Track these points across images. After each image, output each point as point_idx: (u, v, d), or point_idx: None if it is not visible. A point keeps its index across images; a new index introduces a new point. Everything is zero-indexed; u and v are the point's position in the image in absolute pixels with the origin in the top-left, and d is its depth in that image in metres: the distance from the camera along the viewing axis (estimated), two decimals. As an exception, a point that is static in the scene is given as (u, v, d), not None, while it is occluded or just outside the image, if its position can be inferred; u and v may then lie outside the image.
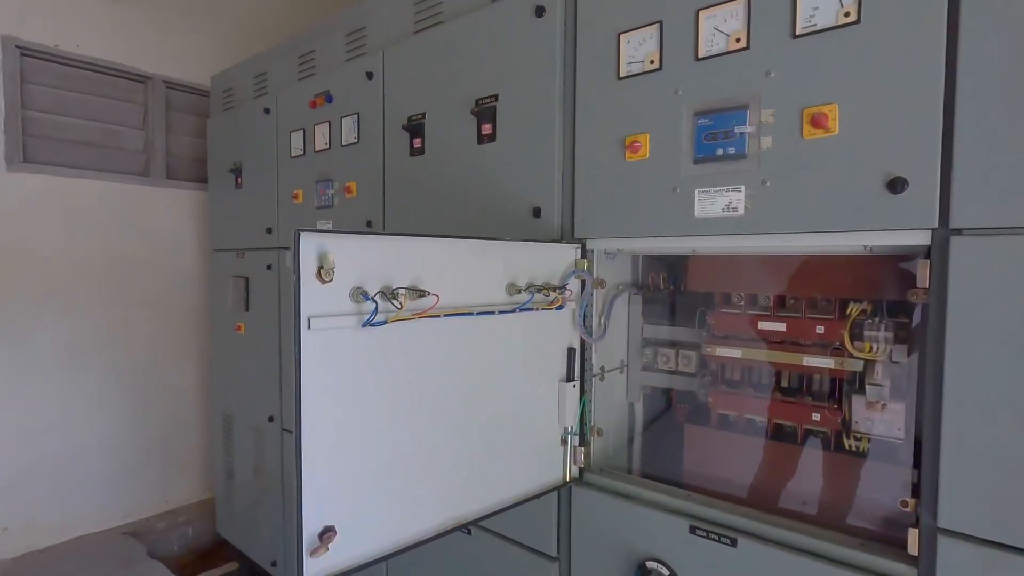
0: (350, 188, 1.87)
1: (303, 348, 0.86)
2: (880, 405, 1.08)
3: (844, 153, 0.97)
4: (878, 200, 0.94)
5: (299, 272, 0.85)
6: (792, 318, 1.20)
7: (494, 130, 1.47)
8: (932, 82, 0.89)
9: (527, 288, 1.19)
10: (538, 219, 1.39)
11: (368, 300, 0.92)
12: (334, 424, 0.92)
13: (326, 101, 1.95)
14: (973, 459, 0.87)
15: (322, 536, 0.90)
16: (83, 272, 2.74)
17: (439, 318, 1.05)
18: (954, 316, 0.88)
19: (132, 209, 2.89)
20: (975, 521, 0.88)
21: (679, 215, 1.16)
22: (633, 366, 1.50)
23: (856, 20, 0.95)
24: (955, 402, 0.89)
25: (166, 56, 2.98)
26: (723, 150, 1.09)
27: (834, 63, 0.97)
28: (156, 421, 2.99)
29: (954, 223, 0.88)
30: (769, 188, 1.05)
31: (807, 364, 1.16)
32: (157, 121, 3.00)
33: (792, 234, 1.04)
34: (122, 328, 2.85)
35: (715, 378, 1.35)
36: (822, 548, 1.03)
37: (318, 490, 0.90)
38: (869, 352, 1.08)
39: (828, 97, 0.98)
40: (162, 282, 2.99)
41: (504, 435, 1.21)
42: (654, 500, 1.24)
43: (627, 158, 1.23)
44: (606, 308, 1.39)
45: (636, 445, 1.53)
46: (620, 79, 1.24)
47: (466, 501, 1.14)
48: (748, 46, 1.06)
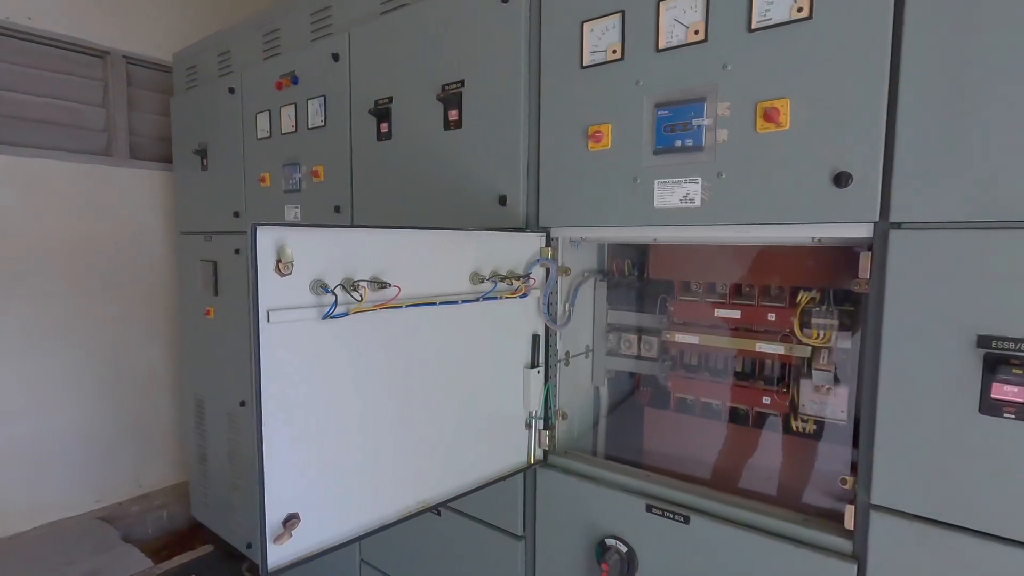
0: (317, 172, 1.86)
1: (262, 341, 0.87)
2: (825, 389, 1.14)
3: (794, 147, 0.99)
4: (825, 194, 0.97)
5: (256, 266, 0.86)
6: (746, 305, 1.24)
7: (460, 116, 1.47)
8: (877, 79, 0.91)
9: (491, 277, 1.21)
10: (504, 207, 1.40)
11: (328, 293, 0.93)
12: (296, 414, 0.94)
13: (292, 82, 1.92)
14: (904, 440, 0.93)
15: (286, 523, 0.93)
16: (47, 255, 2.67)
17: (401, 309, 1.07)
18: (891, 305, 0.93)
19: (95, 190, 2.81)
20: (905, 498, 0.94)
21: (639, 205, 1.18)
22: (598, 351, 1.54)
23: (808, 16, 0.97)
24: (889, 386, 0.94)
25: (126, 30, 2.87)
26: (681, 142, 1.11)
27: (786, 58, 0.99)
28: (127, 405, 2.96)
29: (894, 217, 0.92)
30: (724, 180, 1.08)
31: (759, 350, 1.21)
32: (118, 98, 2.90)
33: (745, 226, 1.07)
34: (89, 311, 2.80)
35: (675, 363, 1.39)
36: (768, 524, 1.09)
37: (280, 478, 0.91)
38: (816, 339, 1.13)
39: (780, 92, 1.00)
40: (129, 265, 2.93)
41: (470, 420, 1.24)
42: (614, 480, 1.29)
43: (590, 148, 1.24)
44: (571, 295, 1.42)
45: (601, 428, 1.57)
46: (583, 68, 1.24)
47: (432, 485, 1.17)
48: (706, 38, 1.08)
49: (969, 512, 0.88)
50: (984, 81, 0.84)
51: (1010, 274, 0.83)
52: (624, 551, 1.22)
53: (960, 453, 0.88)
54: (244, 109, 2.14)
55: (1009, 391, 0.83)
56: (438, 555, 1.61)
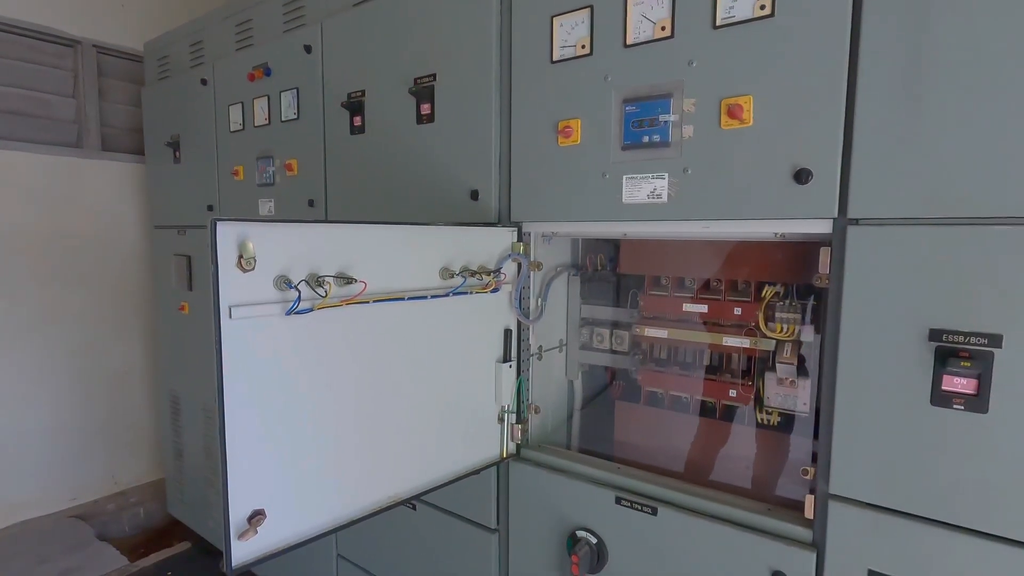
0: (291, 166, 1.84)
1: (223, 338, 0.87)
2: (789, 381, 1.16)
3: (757, 144, 1.01)
4: (786, 190, 0.98)
5: (216, 262, 0.85)
6: (713, 300, 1.26)
7: (433, 110, 1.46)
8: (836, 77, 0.93)
9: (461, 272, 1.21)
10: (476, 202, 1.40)
11: (291, 288, 0.93)
12: (260, 410, 0.93)
13: (264, 74, 1.89)
14: (860, 431, 0.95)
15: (251, 519, 0.92)
16: (16, 248, 2.61)
17: (369, 304, 1.06)
18: (848, 300, 0.95)
19: (66, 182, 2.75)
20: (861, 487, 0.96)
21: (608, 200, 1.19)
22: (572, 345, 1.55)
23: (770, 13, 0.98)
24: (846, 379, 0.96)
25: (97, 19, 2.81)
26: (649, 137, 1.12)
27: (749, 55, 1.00)
28: (102, 402, 2.92)
29: (852, 213, 0.94)
30: (690, 176, 1.09)
31: (726, 344, 1.23)
32: (89, 89, 2.84)
33: (710, 221, 1.09)
34: (61, 306, 2.75)
35: (645, 357, 1.41)
36: (733, 514, 1.11)
37: (245, 475, 0.91)
38: (780, 333, 1.15)
39: (744, 89, 1.01)
40: (102, 259, 2.88)
41: (441, 415, 1.24)
42: (584, 473, 1.30)
43: (560, 143, 1.24)
44: (543, 290, 1.42)
45: (575, 421, 1.59)
46: (553, 63, 1.24)
47: (403, 479, 1.17)
48: (672, 35, 1.08)
49: (922, 501, 0.91)
50: (937, 80, 0.85)
51: (961, 269, 0.85)
52: (594, 543, 1.24)
53: (913, 444, 0.91)
54: (217, 101, 2.11)
55: (958, 383, 0.85)
56: (414, 548, 1.62)
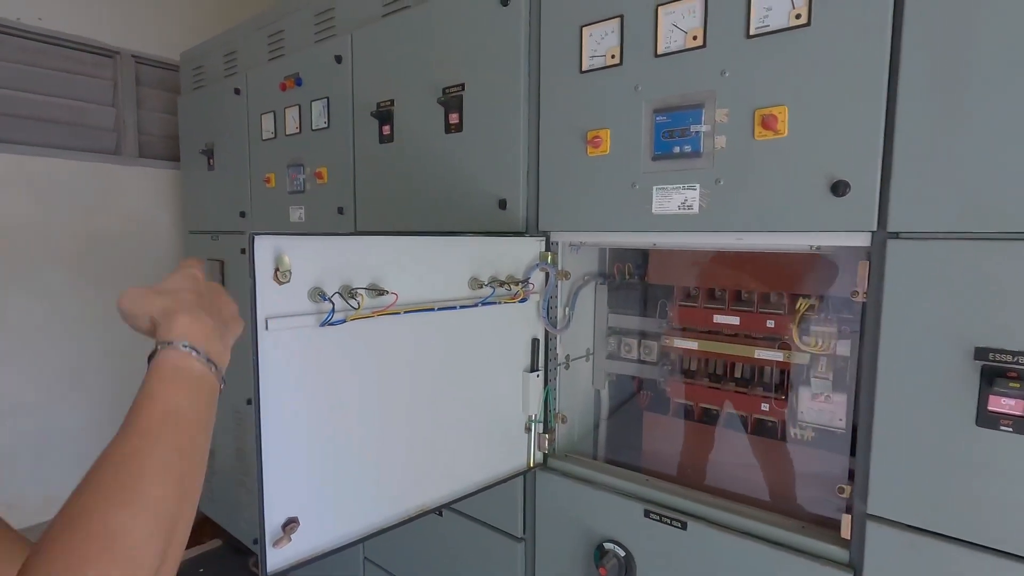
0: (321, 174, 1.87)
1: (260, 349, 0.89)
2: (824, 397, 1.13)
3: (792, 155, 0.99)
4: (822, 202, 0.96)
5: (254, 275, 0.87)
6: (745, 312, 1.24)
7: (461, 120, 1.47)
8: (875, 88, 0.91)
9: (490, 282, 1.22)
10: (504, 211, 1.40)
11: (325, 300, 0.94)
12: (294, 420, 0.95)
13: (296, 84, 1.93)
14: (900, 450, 0.93)
15: (285, 527, 0.94)
16: (57, 253, 2.71)
17: (400, 315, 1.07)
18: (888, 315, 0.92)
19: (105, 188, 2.85)
20: (902, 508, 0.93)
21: (638, 211, 1.18)
22: (599, 354, 1.55)
23: (806, 22, 0.96)
24: (886, 396, 0.93)
25: (135, 30, 2.90)
26: (680, 148, 1.11)
27: (785, 65, 0.98)
28: (137, 401, 3.01)
29: (892, 227, 0.91)
30: (723, 187, 1.07)
31: (758, 357, 1.21)
32: (127, 97, 2.94)
33: (743, 232, 1.07)
34: (98, 308, 2.84)
35: (674, 368, 1.39)
36: (765, 531, 1.09)
37: (280, 483, 0.93)
38: (815, 346, 1.13)
39: (778, 99, 0.99)
40: (139, 262, 2.97)
41: (469, 424, 1.25)
42: (612, 485, 1.29)
43: (589, 153, 1.24)
44: (571, 299, 1.42)
45: (602, 431, 1.58)
46: (583, 73, 1.24)
47: (431, 488, 1.18)
48: (704, 44, 1.07)
49: (965, 524, 0.88)
50: (982, 89, 0.83)
51: (1008, 286, 0.82)
52: (622, 556, 1.23)
53: (957, 464, 0.88)
54: (249, 110, 2.16)
55: (1006, 404, 0.82)
56: (440, 554, 1.63)
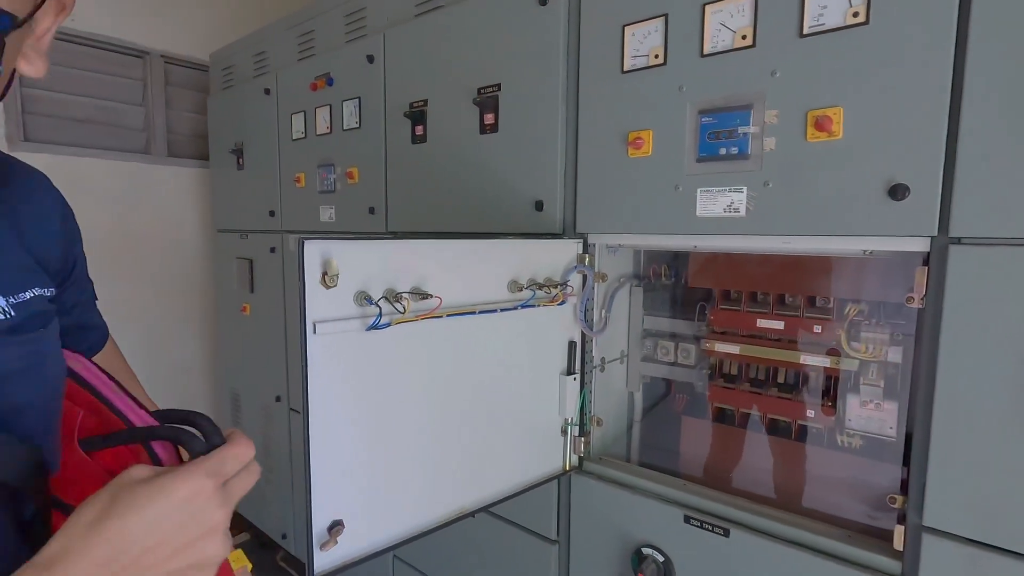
0: (352, 174, 1.87)
1: (309, 353, 0.89)
2: (874, 404, 1.11)
3: (846, 158, 0.96)
4: (878, 206, 0.94)
5: (304, 279, 0.87)
6: (790, 316, 1.21)
7: (496, 120, 1.46)
8: (938, 88, 0.88)
9: (529, 285, 1.21)
10: (540, 212, 1.39)
11: (371, 304, 0.94)
12: (342, 424, 0.95)
13: (327, 84, 1.93)
14: (959, 461, 0.90)
15: (331, 530, 0.94)
16: (89, 250, 2.74)
17: (442, 318, 1.07)
18: (949, 323, 0.90)
19: (135, 187, 2.89)
20: (958, 520, 0.91)
21: (681, 214, 1.16)
22: (633, 356, 1.53)
23: (864, 21, 0.93)
24: (945, 405, 0.91)
25: (165, 31, 2.93)
26: (726, 150, 1.09)
27: (840, 65, 0.96)
28: (167, 395, 3.06)
29: (953, 232, 0.88)
30: (771, 190, 1.05)
31: (804, 362, 1.18)
32: (157, 97, 2.97)
33: (793, 236, 1.05)
34: (130, 304, 2.89)
35: (713, 372, 1.37)
36: (811, 540, 1.07)
37: (327, 487, 0.93)
38: (865, 353, 1.10)
39: (833, 100, 0.97)
40: (167, 260, 3.01)
41: (507, 427, 1.24)
42: (650, 490, 1.28)
43: (630, 154, 1.22)
44: (607, 301, 1.40)
45: (635, 433, 1.56)
46: (624, 73, 1.22)
47: (470, 491, 1.18)
48: (754, 44, 1.05)
49: (1028, 538, 0.85)
50: (1057, 91, 0.79)
51: (1081, 294, 0.79)
52: (661, 561, 1.21)
53: (1020, 477, 0.85)
54: (279, 109, 2.17)
55: (1076, 416, 0.79)
56: (470, 554, 1.63)
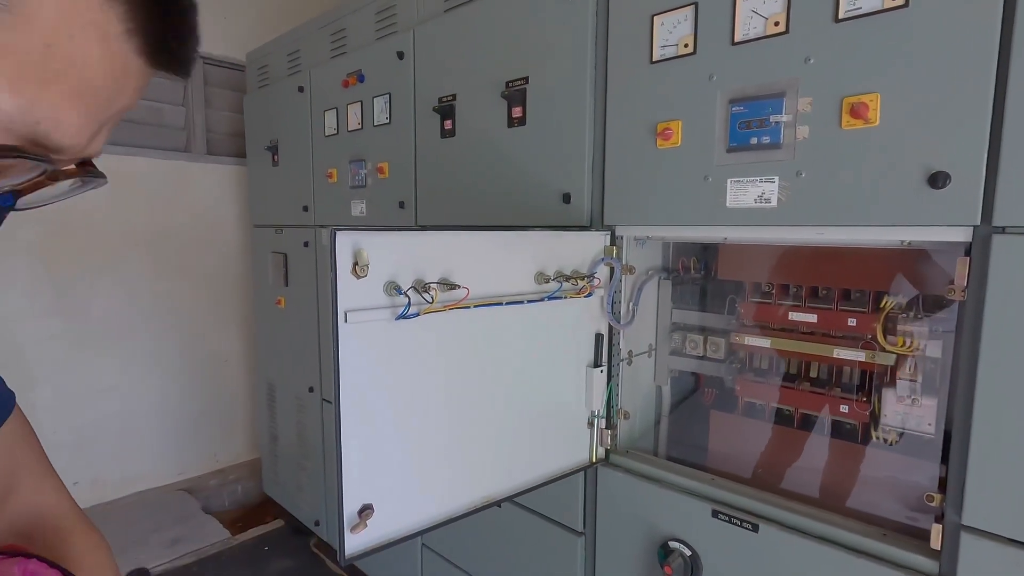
0: (382, 169, 1.90)
1: (341, 341, 0.91)
2: (911, 400, 1.07)
3: (883, 145, 0.94)
4: (917, 195, 0.91)
5: (335, 269, 0.89)
6: (823, 309, 1.19)
7: (524, 114, 1.46)
8: (982, 73, 0.84)
9: (556, 277, 1.21)
10: (568, 205, 1.39)
11: (401, 294, 0.96)
12: (371, 411, 0.98)
13: (358, 80, 1.97)
14: (1002, 458, 0.87)
15: (361, 513, 0.97)
16: (133, 245, 2.88)
17: (470, 309, 1.08)
18: (992, 315, 0.87)
19: (176, 184, 3.00)
20: (1000, 520, 0.88)
21: (710, 204, 1.15)
22: (661, 350, 1.52)
23: (904, 3, 0.90)
24: (987, 401, 0.88)
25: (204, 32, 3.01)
26: (757, 139, 1.07)
27: (878, 50, 0.93)
28: (205, 386, 3.17)
29: (997, 221, 0.85)
30: (804, 180, 1.03)
31: (837, 356, 1.16)
32: (196, 97, 3.07)
33: (827, 227, 1.02)
34: (170, 298, 3.01)
35: (743, 365, 1.35)
36: (844, 537, 1.05)
37: (357, 472, 0.96)
38: (902, 347, 1.07)
39: (869, 86, 0.94)
40: (206, 254, 3.11)
41: (534, 418, 1.25)
42: (677, 483, 1.27)
43: (659, 145, 1.21)
44: (635, 294, 1.40)
45: (663, 427, 1.55)
46: (653, 63, 1.21)
47: (496, 480, 1.19)
48: (787, 30, 1.02)
49: (1076, 540, 0.82)
50: (1112, 72, 0.76)
51: None
52: (688, 555, 1.21)
53: (1067, 477, 0.82)
54: (312, 107, 2.22)
55: None
56: (497, 543, 1.65)
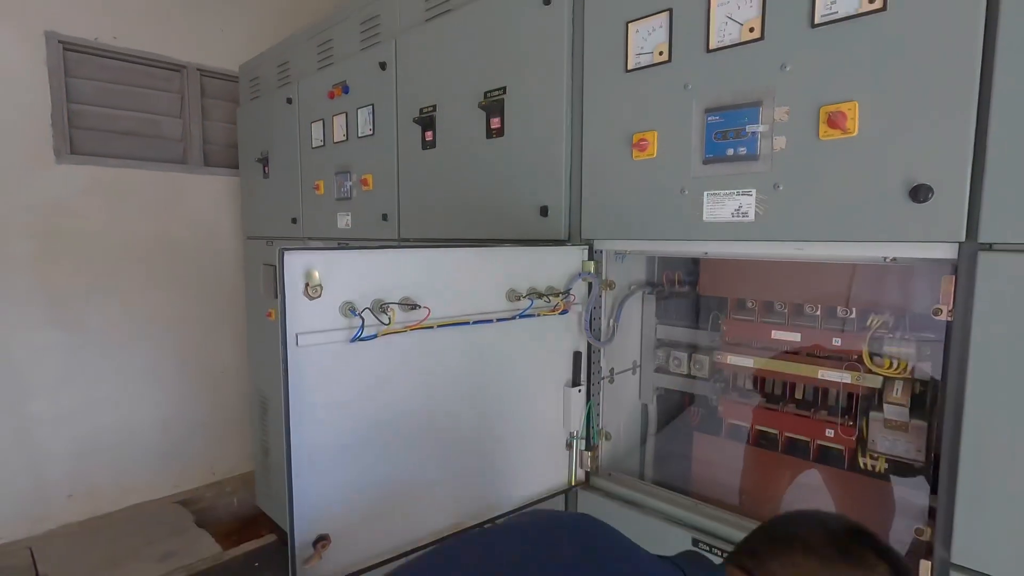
0: (366, 181, 1.88)
1: (290, 365, 0.88)
2: (899, 424, 1.01)
3: (863, 156, 0.88)
4: (899, 209, 0.86)
5: (283, 291, 0.86)
6: (807, 328, 1.13)
7: (503, 124, 1.43)
8: (965, 79, 0.79)
9: (528, 294, 1.17)
10: (546, 218, 1.35)
11: (355, 315, 0.92)
12: (327, 436, 0.94)
13: (343, 92, 1.95)
14: (992, 490, 0.81)
15: (316, 544, 0.93)
16: (130, 258, 2.88)
17: (433, 329, 1.04)
18: (979, 336, 0.81)
19: (173, 196, 3.00)
20: (992, 559, 0.82)
21: (687, 218, 1.10)
22: (646, 367, 1.47)
23: (882, 7, 0.85)
24: (976, 427, 0.82)
25: (199, 44, 3.03)
26: (734, 150, 1.02)
27: (856, 56, 0.88)
28: (201, 398, 3.16)
29: (983, 237, 0.80)
30: (781, 193, 0.98)
31: (822, 378, 1.10)
32: (193, 109, 3.08)
33: (806, 242, 0.97)
34: (167, 310, 3.00)
35: (727, 385, 1.30)
36: (828, 571, 0.98)
37: (311, 500, 0.92)
38: (889, 368, 1.01)
39: (847, 94, 0.89)
40: (202, 266, 3.11)
41: (508, 441, 1.21)
42: (658, 509, 1.22)
43: (634, 156, 1.17)
44: (616, 310, 1.35)
45: (649, 447, 1.50)
46: (628, 72, 1.17)
47: (466, 505, 1.15)
48: (762, 36, 0.98)
49: (1073, 583, 0.76)
50: (1103, 77, 0.70)
51: None
52: (668, 585, 1.15)
53: (1063, 514, 0.76)
54: (300, 118, 2.20)
55: None
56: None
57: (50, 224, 2.67)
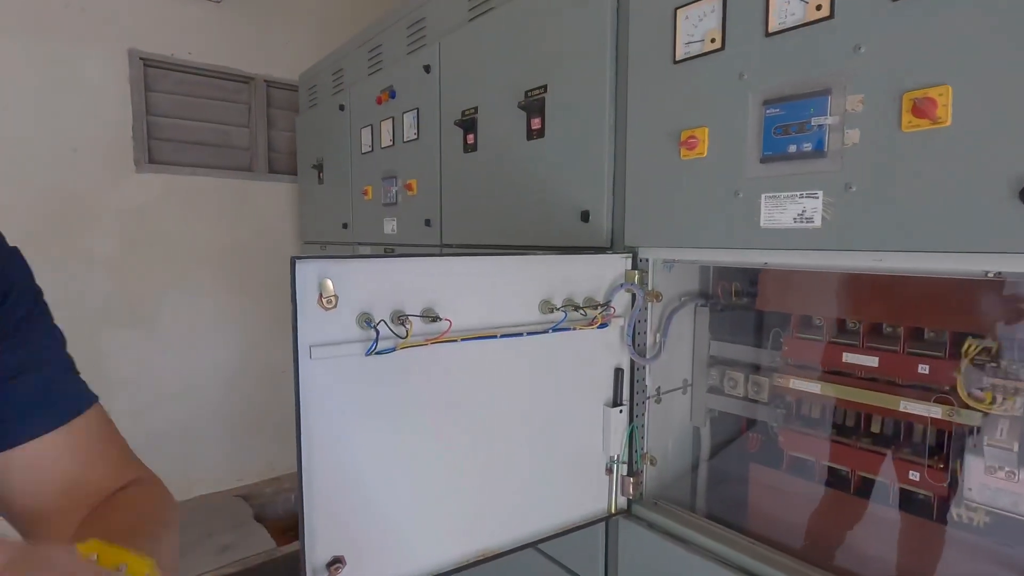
0: (411, 186, 1.85)
1: (302, 379, 0.84)
2: (1004, 472, 0.84)
3: (958, 150, 0.73)
4: (1004, 213, 0.70)
5: (296, 301, 0.82)
6: (887, 351, 0.97)
7: (543, 125, 1.35)
8: (1096, 51, 0.63)
9: (564, 306, 1.08)
10: (587, 224, 1.25)
11: (371, 327, 0.87)
12: (342, 454, 0.90)
13: (390, 96, 1.94)
14: None
15: (330, 566, 0.89)
16: (200, 261, 3.04)
17: (457, 343, 0.98)
18: (1115, 376, 0.64)
19: (239, 202, 3.14)
20: None
21: (741, 224, 0.98)
22: (698, 386, 1.34)
23: (984, -30, 0.70)
24: (1110, 491, 0.65)
25: (266, 57, 3.16)
26: (797, 146, 0.89)
27: (946, 33, 0.73)
28: (262, 395, 3.28)
29: (1122, 249, 0.63)
30: (855, 194, 0.84)
31: (904, 410, 0.94)
32: (259, 119, 3.21)
33: (884, 253, 0.83)
34: (232, 310, 3.14)
35: (789, 412, 1.15)
36: (910, 641, 0.83)
37: (324, 520, 0.88)
38: (991, 404, 0.84)
39: (937, 77, 0.74)
40: (266, 269, 3.23)
41: (540, 463, 1.12)
42: (707, 547, 1.09)
43: (683, 155, 1.05)
44: (663, 323, 1.23)
45: (700, 475, 1.37)
46: (676, 63, 1.06)
47: (495, 532, 1.08)
48: (832, 14, 0.84)
49: None
50: None
51: None
52: (716, 635, 1.02)
53: None
54: (352, 124, 2.22)
55: None
56: (517, 590, 1.51)
57: (130, 229, 2.85)
